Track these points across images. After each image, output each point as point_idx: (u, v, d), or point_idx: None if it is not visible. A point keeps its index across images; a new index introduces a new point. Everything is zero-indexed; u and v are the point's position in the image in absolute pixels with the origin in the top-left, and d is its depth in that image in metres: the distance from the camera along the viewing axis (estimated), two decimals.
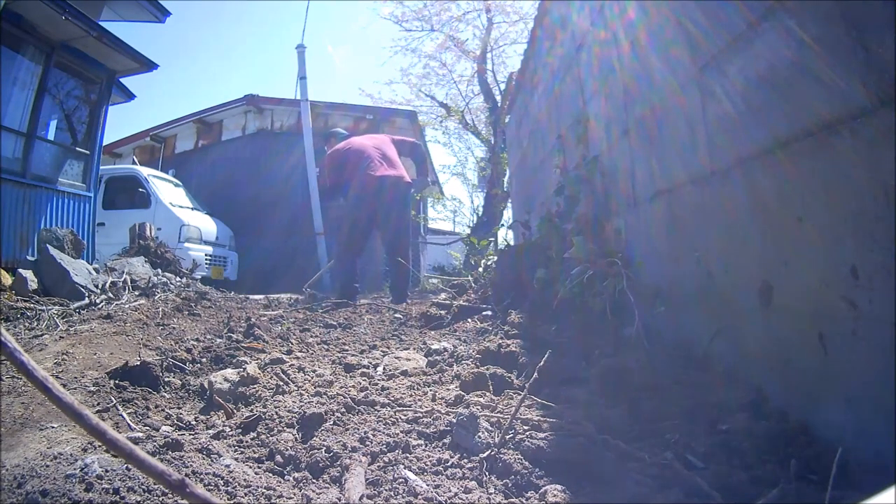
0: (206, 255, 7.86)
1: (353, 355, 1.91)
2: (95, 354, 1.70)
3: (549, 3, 3.12)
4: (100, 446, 0.93)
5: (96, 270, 3.79)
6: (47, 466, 0.83)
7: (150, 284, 3.73)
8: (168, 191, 8.29)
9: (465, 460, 0.92)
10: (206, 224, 8.27)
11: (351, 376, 1.57)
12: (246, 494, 0.80)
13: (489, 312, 2.70)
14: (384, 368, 1.68)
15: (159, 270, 4.33)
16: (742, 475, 0.77)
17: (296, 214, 8.87)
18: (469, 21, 10.09)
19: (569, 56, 2.61)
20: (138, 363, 1.47)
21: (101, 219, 6.94)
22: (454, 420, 1.03)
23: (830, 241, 0.81)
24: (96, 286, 3.35)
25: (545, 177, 3.32)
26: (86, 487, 0.76)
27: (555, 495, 0.77)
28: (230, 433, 1.12)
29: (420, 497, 0.80)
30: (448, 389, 1.36)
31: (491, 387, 1.34)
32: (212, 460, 0.92)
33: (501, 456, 0.90)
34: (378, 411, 1.19)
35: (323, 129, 7.82)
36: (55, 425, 1.10)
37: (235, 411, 1.31)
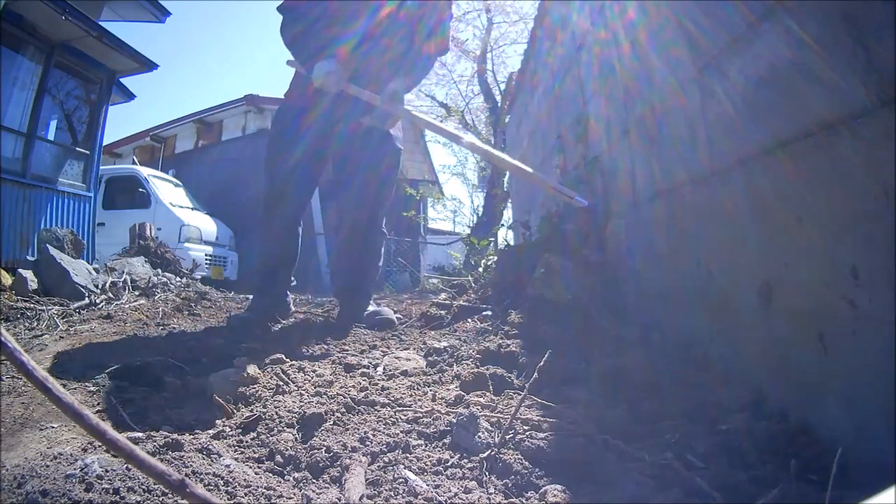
0: (206, 255, 7.87)
1: (353, 355, 1.91)
2: (95, 354, 1.70)
3: (549, 3, 3.12)
4: (100, 446, 0.93)
5: (96, 270, 3.79)
6: (47, 466, 0.83)
7: (150, 284, 3.73)
8: (168, 191, 8.31)
9: (465, 460, 0.92)
10: (206, 224, 8.28)
11: (351, 376, 1.57)
12: (246, 494, 0.80)
13: (489, 312, 2.69)
14: (384, 368, 1.68)
15: (159, 270, 4.34)
16: (742, 475, 0.77)
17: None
18: (469, 21, 10.13)
19: (569, 56, 2.61)
20: (138, 363, 1.47)
21: (101, 219, 6.95)
22: (454, 420, 1.03)
23: (830, 241, 0.81)
24: (96, 286, 3.35)
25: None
26: (86, 487, 0.76)
27: (555, 495, 0.77)
28: (230, 433, 1.12)
29: (420, 497, 0.80)
30: (448, 389, 1.36)
31: (491, 387, 1.33)
32: (212, 460, 0.92)
33: (501, 456, 0.90)
34: (378, 411, 1.19)
35: None
36: (55, 425, 1.10)
37: (235, 411, 1.31)
